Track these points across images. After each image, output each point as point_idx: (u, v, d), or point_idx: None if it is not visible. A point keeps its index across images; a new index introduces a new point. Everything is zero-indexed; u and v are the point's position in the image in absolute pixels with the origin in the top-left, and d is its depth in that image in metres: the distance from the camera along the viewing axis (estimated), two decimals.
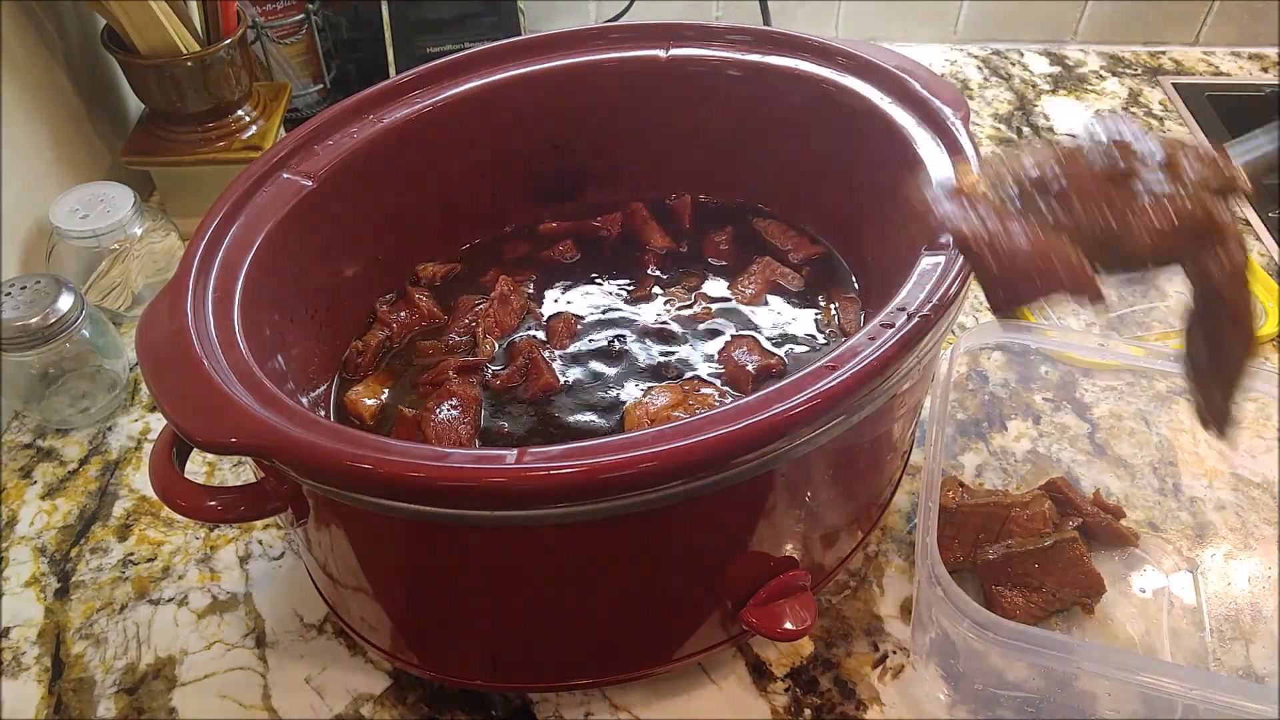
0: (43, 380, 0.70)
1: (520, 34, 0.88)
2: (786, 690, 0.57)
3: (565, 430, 0.58)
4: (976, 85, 1.09)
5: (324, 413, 0.60)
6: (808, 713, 0.56)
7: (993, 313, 0.45)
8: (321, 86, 1.00)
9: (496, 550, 0.47)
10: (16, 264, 0.76)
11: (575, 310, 0.66)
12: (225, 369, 0.46)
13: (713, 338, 0.64)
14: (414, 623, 0.54)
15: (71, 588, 0.62)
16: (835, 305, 0.66)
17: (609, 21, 1.09)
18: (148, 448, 0.70)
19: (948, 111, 0.59)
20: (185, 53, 0.79)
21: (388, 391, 0.62)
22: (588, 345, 0.64)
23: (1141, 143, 0.45)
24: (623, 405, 0.59)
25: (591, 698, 0.57)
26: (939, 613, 0.50)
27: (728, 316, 0.65)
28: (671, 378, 0.61)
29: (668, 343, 0.63)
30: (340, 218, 0.61)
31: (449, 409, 0.58)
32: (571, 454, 0.41)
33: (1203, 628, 0.58)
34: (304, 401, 0.58)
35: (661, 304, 0.67)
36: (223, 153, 0.83)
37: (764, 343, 0.63)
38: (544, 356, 0.61)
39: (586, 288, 0.69)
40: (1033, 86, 1.09)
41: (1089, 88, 1.09)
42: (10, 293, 0.66)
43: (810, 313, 0.66)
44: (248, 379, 0.46)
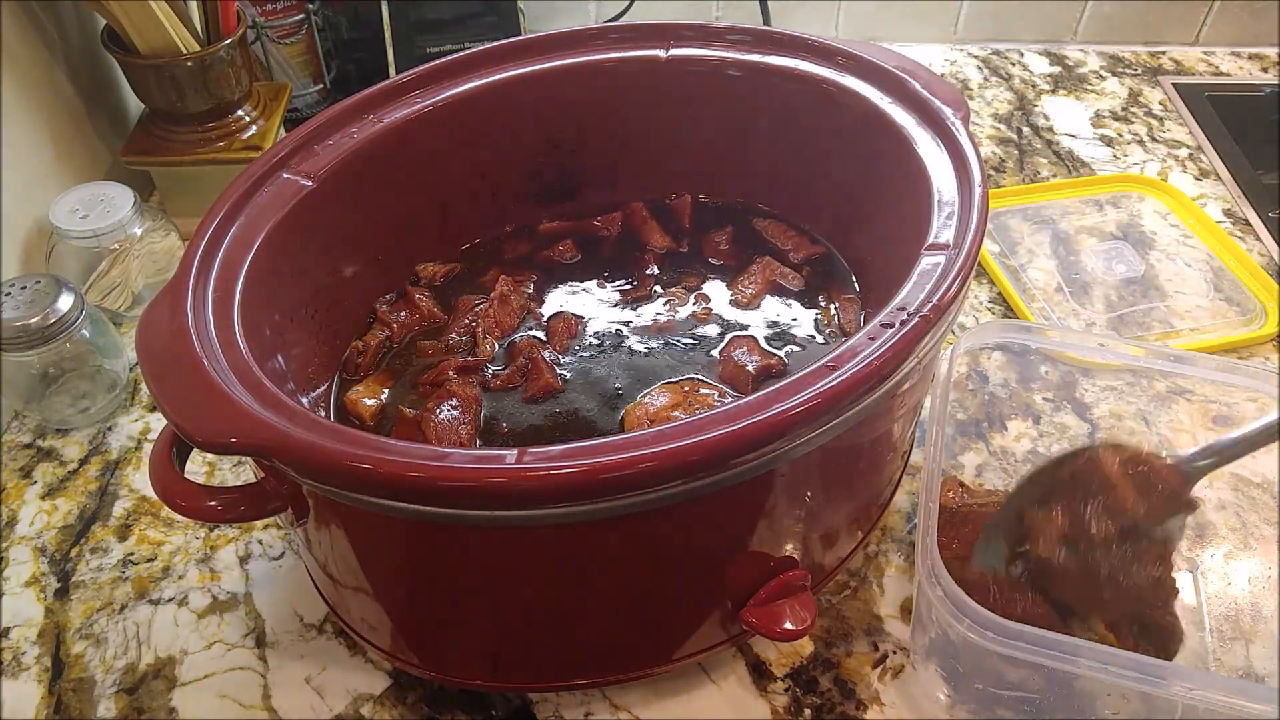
0: (43, 380, 0.70)
1: (520, 34, 0.88)
2: (786, 690, 0.57)
3: (565, 430, 0.58)
4: (976, 85, 1.09)
5: (324, 413, 0.60)
6: (808, 713, 0.56)
7: None
8: (321, 86, 1.00)
9: (496, 550, 0.47)
10: (16, 264, 0.76)
11: (575, 310, 0.66)
12: (225, 369, 0.46)
13: (713, 338, 0.64)
14: (414, 623, 0.54)
15: (71, 588, 0.62)
16: (835, 305, 0.66)
17: (609, 21, 1.09)
18: (148, 448, 0.70)
19: (948, 111, 0.59)
20: (185, 53, 0.79)
21: (388, 391, 0.62)
22: (588, 345, 0.64)
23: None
24: (622, 405, 0.59)
25: (591, 698, 0.57)
26: (939, 613, 0.50)
27: (727, 316, 0.65)
28: (671, 378, 0.61)
29: (668, 343, 0.64)
30: (340, 218, 0.61)
31: (449, 409, 0.58)
32: (571, 454, 0.41)
33: (1203, 628, 0.58)
34: (304, 401, 0.58)
35: (661, 304, 0.67)
36: (223, 153, 0.83)
37: (764, 343, 0.63)
38: (544, 356, 0.61)
39: (586, 288, 0.69)
40: (1033, 86, 1.09)
41: (1089, 88, 1.09)
42: (10, 293, 0.66)
43: (810, 313, 0.66)
44: (248, 379, 0.46)
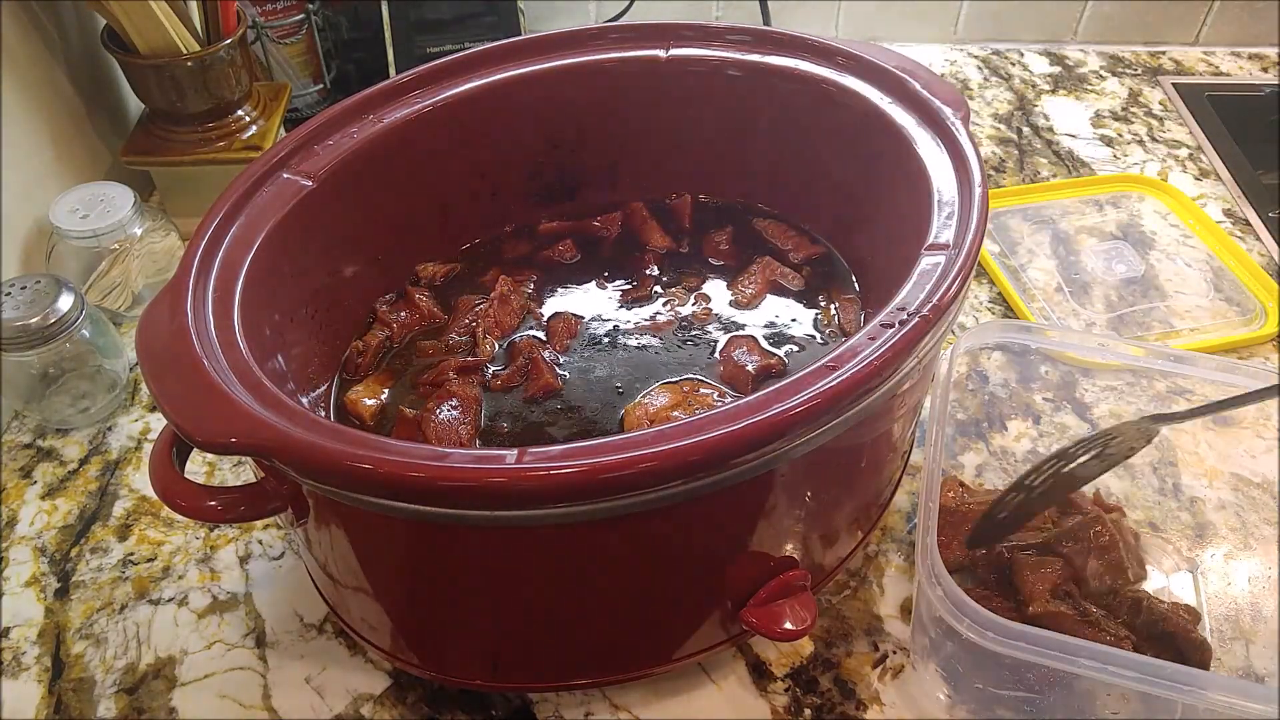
0: (43, 380, 0.70)
1: (520, 34, 0.88)
2: (786, 690, 0.57)
3: (565, 430, 0.58)
4: (976, 85, 1.09)
5: (324, 413, 0.60)
6: (808, 713, 0.56)
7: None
8: (321, 86, 1.00)
9: (496, 550, 0.47)
10: (16, 264, 0.76)
11: (575, 310, 0.66)
12: (225, 369, 0.46)
13: (712, 338, 0.64)
14: (414, 623, 0.54)
15: (71, 588, 0.62)
16: (835, 305, 0.66)
17: (609, 21, 1.09)
18: (148, 448, 0.70)
19: (948, 111, 0.59)
20: (185, 53, 0.79)
21: (388, 391, 0.62)
22: (588, 345, 0.64)
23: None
24: (622, 405, 0.59)
25: (591, 698, 0.57)
26: (939, 613, 0.50)
27: (727, 316, 0.65)
28: (671, 378, 0.61)
29: (667, 343, 0.63)
30: (340, 218, 0.61)
31: (449, 409, 0.58)
32: (571, 454, 0.41)
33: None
34: (304, 401, 0.58)
35: (661, 304, 0.67)
36: (223, 153, 0.83)
37: (764, 343, 0.63)
38: (544, 356, 0.61)
39: (586, 288, 0.69)
40: (1033, 86, 1.09)
41: (1089, 88, 1.09)
42: (10, 293, 0.66)
43: (810, 313, 0.66)
44: (248, 379, 0.46)
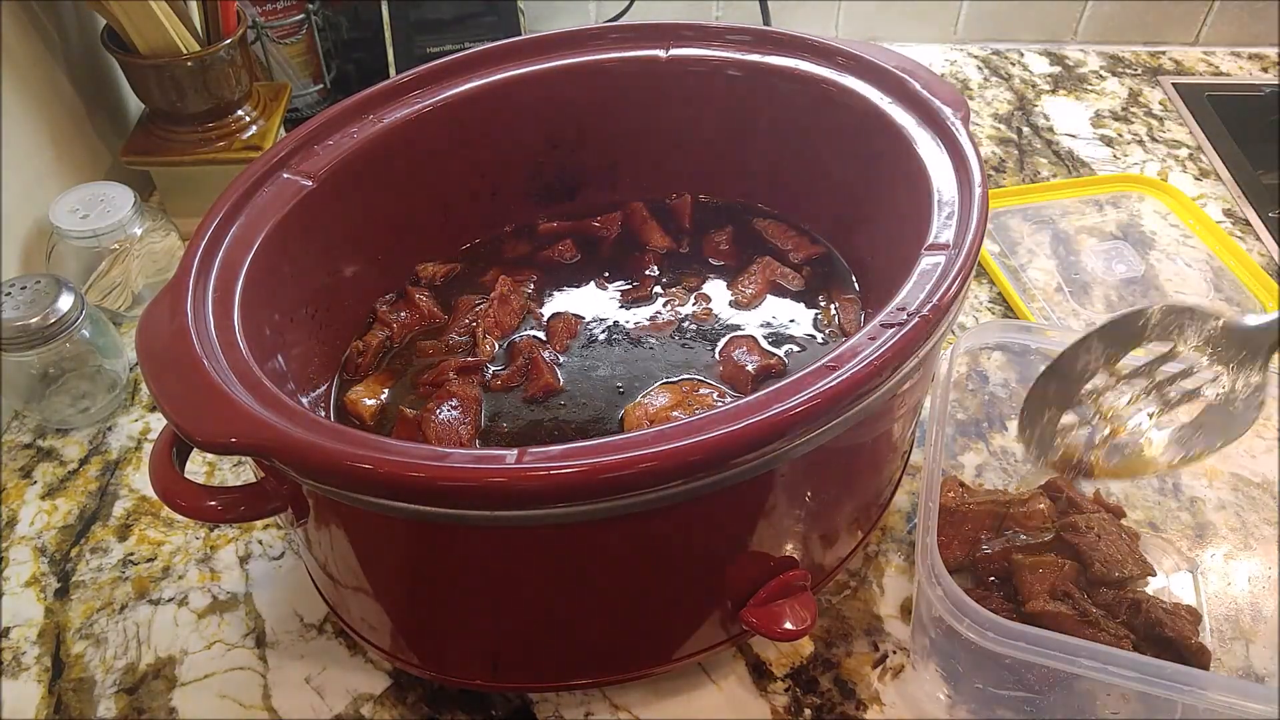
0: (43, 380, 0.70)
1: (520, 34, 0.88)
2: (786, 690, 0.57)
3: (565, 430, 0.58)
4: (976, 85, 1.09)
5: (324, 413, 0.60)
6: (808, 713, 0.56)
7: None
8: (321, 86, 1.00)
9: (496, 550, 0.47)
10: (16, 264, 0.76)
11: (575, 310, 0.66)
12: (225, 369, 0.46)
13: (712, 338, 0.64)
14: (414, 623, 0.54)
15: (71, 588, 0.62)
16: (835, 305, 0.66)
17: (609, 21, 1.09)
18: (148, 448, 0.70)
19: (948, 111, 0.59)
20: (185, 53, 0.79)
21: (388, 392, 0.62)
22: (588, 345, 0.64)
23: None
24: (622, 405, 0.59)
25: (591, 698, 0.57)
26: (939, 613, 0.50)
27: (727, 316, 0.65)
28: (671, 378, 0.61)
29: (667, 343, 0.63)
30: (340, 218, 0.61)
31: (449, 409, 0.58)
32: (571, 454, 0.41)
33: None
34: (304, 401, 0.58)
35: (661, 304, 0.67)
36: (223, 153, 0.83)
37: (764, 343, 0.63)
38: (544, 356, 0.61)
39: (586, 288, 0.69)
40: (1033, 86, 1.09)
41: (1089, 88, 1.09)
42: (10, 293, 0.66)
43: (810, 313, 0.66)
44: (248, 379, 0.46)
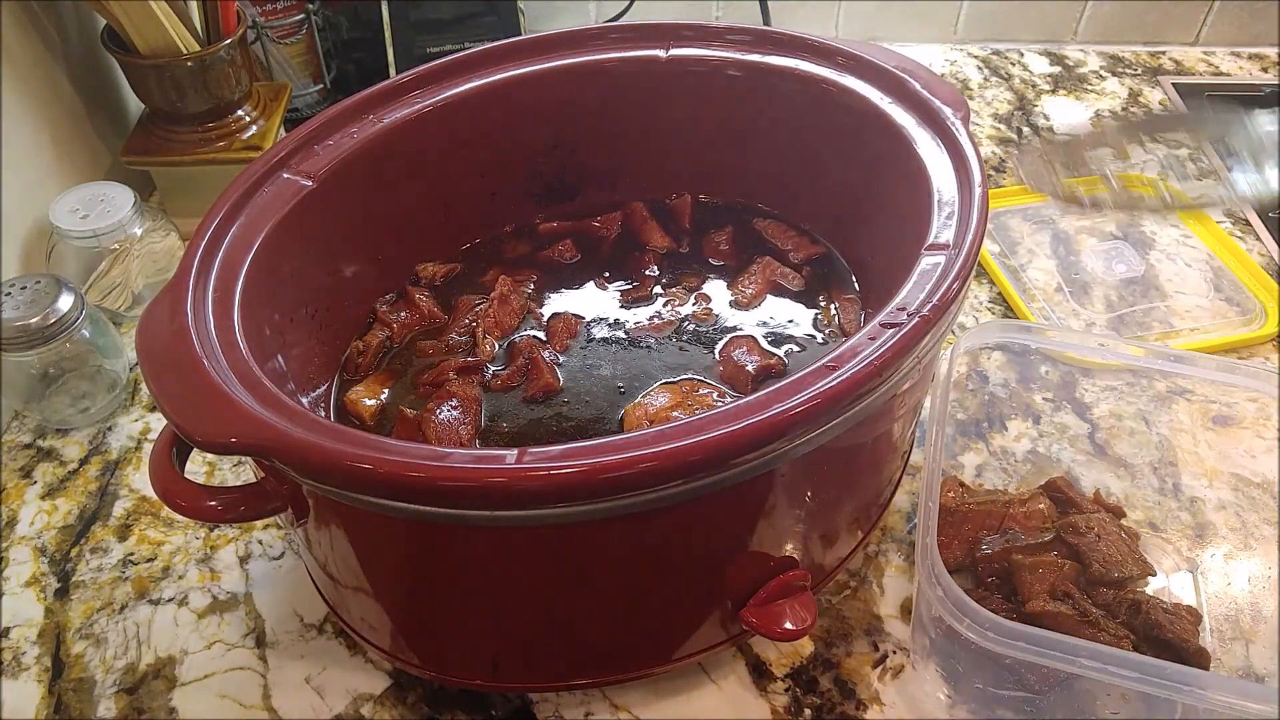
0: (43, 380, 0.70)
1: (520, 34, 0.88)
2: (786, 690, 0.57)
3: (565, 430, 0.58)
4: (976, 85, 1.09)
5: (324, 413, 0.60)
6: (808, 713, 0.56)
7: None
8: (321, 86, 1.00)
9: (496, 550, 0.47)
10: (16, 264, 0.76)
11: (575, 310, 0.66)
12: (225, 369, 0.46)
13: (712, 338, 0.64)
14: (414, 623, 0.54)
15: (71, 588, 0.62)
16: (835, 305, 0.66)
17: (609, 21, 1.09)
18: (148, 448, 0.70)
19: (948, 111, 0.59)
20: (185, 53, 0.79)
21: (388, 392, 0.62)
22: (588, 345, 0.64)
23: None
24: (622, 405, 0.59)
25: (591, 698, 0.57)
26: (939, 613, 0.50)
27: (727, 316, 0.65)
28: (671, 378, 0.61)
29: (667, 343, 0.63)
30: (340, 218, 0.61)
31: (449, 409, 0.58)
32: (571, 454, 0.41)
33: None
34: (304, 401, 0.58)
35: (661, 304, 0.67)
36: (223, 153, 0.83)
37: (764, 343, 0.63)
38: (544, 356, 0.61)
39: (586, 288, 0.69)
40: (1033, 86, 1.09)
41: (1089, 88, 1.09)
42: (10, 293, 0.66)
43: (810, 313, 0.66)
44: (248, 379, 0.46)
